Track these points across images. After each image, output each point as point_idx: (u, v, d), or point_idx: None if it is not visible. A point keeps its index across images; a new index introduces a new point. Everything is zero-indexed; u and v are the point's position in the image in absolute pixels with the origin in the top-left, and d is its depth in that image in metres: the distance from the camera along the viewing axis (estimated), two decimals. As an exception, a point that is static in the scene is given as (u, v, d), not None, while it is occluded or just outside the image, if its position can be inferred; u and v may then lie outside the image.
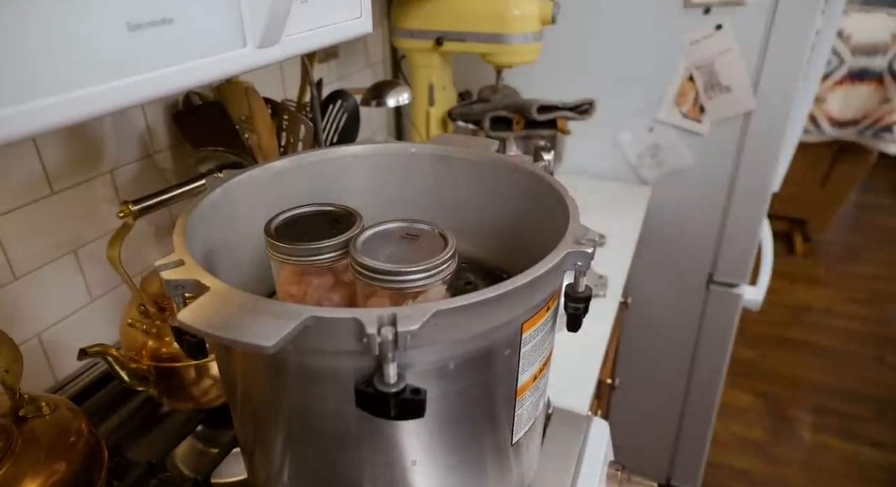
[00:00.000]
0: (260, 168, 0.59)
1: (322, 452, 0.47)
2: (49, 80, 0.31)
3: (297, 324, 0.37)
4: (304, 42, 0.50)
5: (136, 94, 0.36)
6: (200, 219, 0.52)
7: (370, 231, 0.50)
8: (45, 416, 0.54)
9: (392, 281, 0.45)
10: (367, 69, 1.28)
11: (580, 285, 0.48)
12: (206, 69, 0.41)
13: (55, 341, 0.74)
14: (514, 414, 0.49)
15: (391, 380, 0.39)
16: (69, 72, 0.32)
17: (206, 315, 0.38)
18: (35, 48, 0.30)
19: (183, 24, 0.38)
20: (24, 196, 0.68)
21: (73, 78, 0.32)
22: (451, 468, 0.48)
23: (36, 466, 0.49)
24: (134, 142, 0.79)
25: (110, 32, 0.33)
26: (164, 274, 0.42)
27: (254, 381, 0.48)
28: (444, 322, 0.39)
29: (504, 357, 0.45)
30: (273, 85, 1.00)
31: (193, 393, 0.68)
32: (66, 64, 0.31)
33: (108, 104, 0.34)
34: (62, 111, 0.32)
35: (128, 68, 0.35)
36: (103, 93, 0.34)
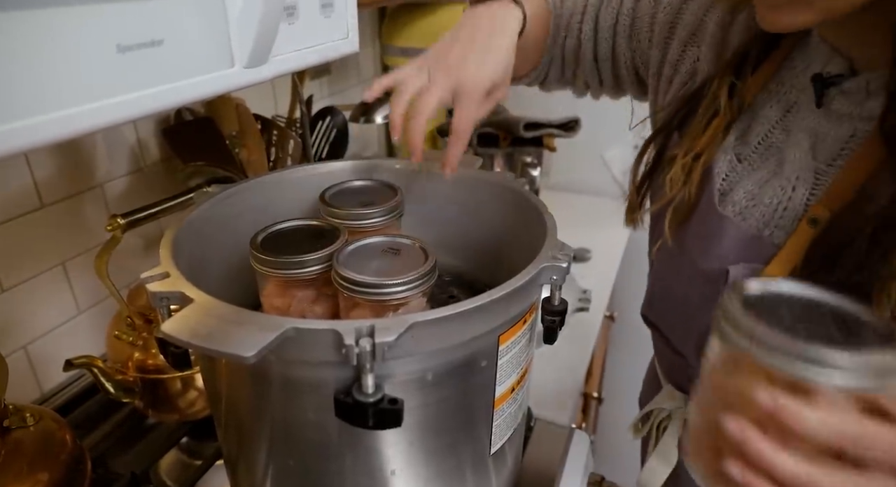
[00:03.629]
0: (248, 182, 0.60)
1: (304, 462, 0.48)
2: (41, 99, 0.32)
3: (278, 335, 0.38)
4: (292, 62, 0.51)
5: (125, 112, 0.37)
6: (188, 232, 0.53)
7: (353, 245, 0.51)
8: (29, 427, 0.54)
9: (373, 293, 0.47)
10: (358, 86, 1.30)
11: (556, 298, 0.49)
12: (194, 88, 0.42)
13: (42, 353, 0.75)
14: (492, 425, 0.50)
15: (369, 390, 0.40)
16: (60, 91, 0.33)
17: (190, 326, 0.39)
18: (27, 68, 0.31)
19: (172, 46, 0.39)
20: (14, 208, 0.69)
21: (64, 97, 0.33)
22: (430, 478, 0.49)
23: (19, 476, 0.50)
24: (125, 157, 0.80)
25: (101, 54, 0.35)
26: (149, 287, 0.43)
27: (238, 392, 0.49)
28: (422, 333, 0.40)
29: (481, 368, 0.46)
30: (265, 101, 1.02)
31: (179, 405, 0.69)
32: (58, 83, 0.33)
33: (99, 122, 0.36)
34: (53, 128, 0.33)
35: (117, 87, 0.36)
36: (93, 112, 0.35)
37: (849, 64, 0.44)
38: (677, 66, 0.59)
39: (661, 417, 0.63)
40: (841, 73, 0.45)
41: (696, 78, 0.57)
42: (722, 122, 0.52)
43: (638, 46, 0.62)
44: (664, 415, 0.63)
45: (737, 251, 0.48)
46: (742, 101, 0.51)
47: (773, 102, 0.50)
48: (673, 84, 0.59)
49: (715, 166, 0.52)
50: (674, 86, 0.59)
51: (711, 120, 0.52)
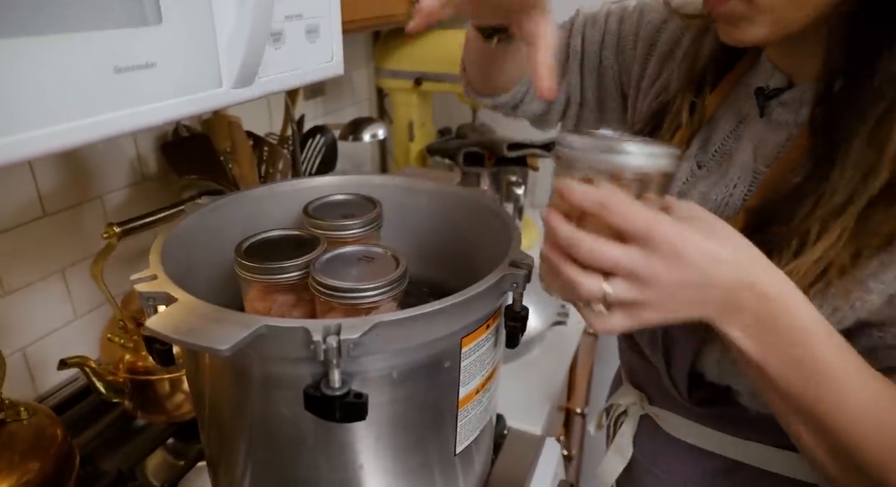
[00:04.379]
0: (236, 195, 0.64)
1: (280, 457, 0.51)
2: (44, 113, 0.36)
3: (252, 332, 0.41)
4: (278, 83, 0.55)
5: (119, 127, 0.41)
6: (178, 240, 0.57)
7: (330, 253, 0.55)
8: (22, 421, 0.57)
9: (346, 297, 0.50)
10: (352, 106, 1.34)
11: (517, 305, 0.53)
12: (184, 106, 0.46)
13: (39, 355, 0.78)
14: (457, 425, 0.53)
15: (336, 385, 0.43)
16: (62, 107, 0.37)
17: (173, 322, 0.42)
18: (31, 86, 0.35)
19: (164, 68, 0.44)
20: (18, 216, 0.73)
21: (65, 112, 0.37)
22: (397, 473, 0.52)
23: (10, 465, 0.53)
24: (124, 170, 0.84)
25: (98, 74, 0.39)
26: (137, 287, 0.47)
27: (220, 391, 0.52)
28: (386, 333, 0.44)
29: (445, 369, 0.50)
30: (260, 119, 1.07)
31: (166, 407, 0.72)
32: (59, 100, 0.37)
33: (95, 134, 0.40)
34: (52, 140, 0.37)
35: (113, 104, 0.40)
36: (91, 126, 0.39)
37: (788, 79, 0.50)
38: (654, 81, 0.63)
39: (618, 412, 0.66)
40: (781, 86, 0.49)
41: (669, 92, 0.61)
42: (685, 134, 0.56)
43: (623, 61, 0.67)
44: (621, 411, 0.66)
45: None
46: (703, 115, 0.55)
47: (728, 115, 0.54)
48: (648, 97, 0.63)
49: (677, 172, 0.56)
50: (648, 99, 0.63)
51: (676, 132, 0.57)
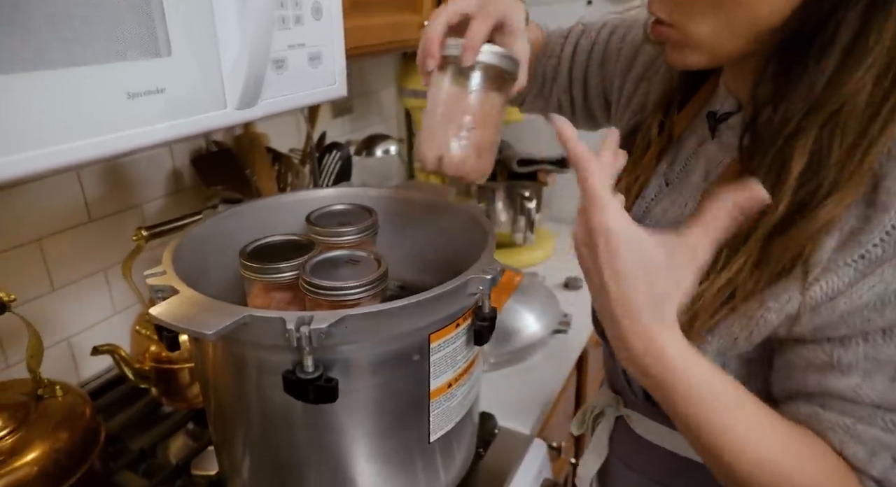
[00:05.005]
0: (249, 204, 0.72)
1: (272, 437, 0.57)
2: (65, 132, 0.44)
3: (236, 320, 0.47)
4: (280, 104, 0.62)
5: (133, 143, 0.49)
6: (192, 242, 0.64)
7: (320, 256, 0.61)
8: (57, 398, 0.66)
9: (330, 295, 0.56)
10: (380, 124, 1.42)
11: (485, 306, 0.57)
12: (191, 125, 0.54)
13: (82, 345, 0.88)
14: (429, 415, 0.58)
15: (309, 369, 0.49)
16: (79, 127, 0.45)
17: (171, 310, 0.49)
18: (56, 110, 0.43)
19: (173, 92, 0.51)
20: (67, 221, 0.83)
21: (82, 131, 0.45)
22: (373, 455, 0.57)
23: (44, 434, 0.61)
24: (162, 181, 0.94)
25: (113, 99, 0.46)
26: (148, 281, 0.54)
27: (221, 377, 0.58)
28: (355, 325, 0.49)
29: (414, 361, 0.55)
30: (289, 134, 1.15)
31: (187, 395, 0.80)
32: (77, 121, 0.44)
33: (108, 151, 0.47)
34: (73, 154, 0.45)
35: (126, 124, 0.48)
36: (108, 142, 0.47)
37: (738, 103, 0.52)
38: (632, 97, 0.67)
39: (595, 413, 0.69)
40: (731, 110, 0.52)
41: (646, 110, 0.65)
42: (654, 152, 0.59)
43: (606, 74, 0.71)
44: (598, 412, 0.69)
45: None
46: (671, 134, 0.59)
47: (693, 135, 0.57)
48: (626, 113, 0.67)
49: (647, 188, 0.60)
50: (626, 115, 0.67)
51: (647, 149, 0.60)
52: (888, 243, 0.39)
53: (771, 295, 0.44)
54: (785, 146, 0.41)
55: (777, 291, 0.43)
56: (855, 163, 0.39)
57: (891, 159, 0.40)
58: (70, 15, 0.42)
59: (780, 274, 0.43)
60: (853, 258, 0.41)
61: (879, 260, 0.40)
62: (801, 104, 0.41)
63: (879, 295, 0.40)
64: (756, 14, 0.42)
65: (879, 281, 0.40)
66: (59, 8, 0.41)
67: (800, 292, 0.42)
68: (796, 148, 0.41)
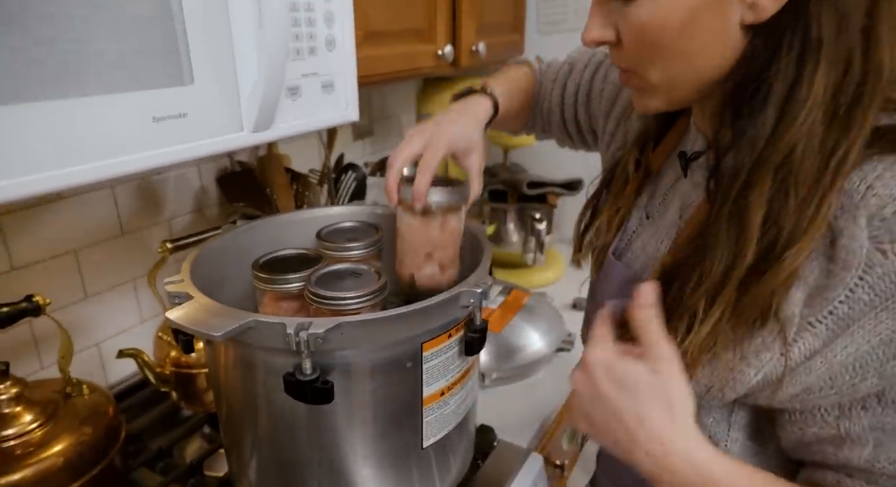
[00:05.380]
0: (264, 220, 0.77)
1: (277, 437, 0.61)
2: (98, 152, 0.49)
3: (242, 324, 0.52)
4: (293, 128, 0.68)
5: (155, 162, 0.54)
6: (213, 254, 0.70)
7: (325, 269, 0.65)
8: (84, 396, 0.71)
9: (332, 304, 0.60)
10: (401, 146, 1.48)
11: (477, 319, 0.61)
12: (210, 147, 0.59)
13: (110, 350, 0.93)
14: (422, 421, 0.61)
15: (307, 372, 0.53)
16: (109, 147, 0.50)
17: (185, 314, 0.54)
18: (91, 130, 0.48)
19: (194, 117, 0.57)
20: (102, 234, 0.89)
21: (111, 151, 0.50)
22: (367, 455, 0.60)
23: (70, 429, 0.66)
24: (190, 198, 1.00)
25: (140, 123, 0.52)
26: (167, 287, 0.59)
27: (231, 380, 0.63)
28: (351, 332, 0.53)
29: (407, 368, 0.58)
30: (312, 155, 1.21)
31: (203, 400, 0.84)
32: (110, 141, 0.50)
33: (138, 168, 0.53)
34: (102, 171, 0.50)
35: (151, 145, 0.53)
36: (134, 161, 0.52)
37: (706, 143, 0.54)
38: (614, 135, 0.70)
39: None
40: (701, 149, 0.54)
41: (627, 147, 0.68)
42: (633, 186, 0.62)
43: (592, 113, 0.75)
44: None
45: (619, 288, 0.58)
46: (648, 170, 0.62)
47: (670, 171, 0.60)
48: (610, 148, 0.71)
49: (630, 221, 0.62)
50: (610, 151, 0.70)
51: (626, 183, 0.63)
52: (853, 300, 0.41)
53: (751, 351, 0.45)
54: (740, 196, 0.43)
55: (757, 348, 0.45)
56: (811, 213, 0.41)
57: (844, 213, 0.41)
58: (106, 50, 0.48)
59: (753, 325, 0.44)
60: (822, 315, 0.42)
61: (847, 319, 0.41)
62: (749, 155, 0.42)
63: (855, 358, 0.41)
64: (697, 67, 0.45)
65: (851, 343, 0.41)
66: (97, 44, 0.47)
67: (781, 353, 0.44)
68: (753, 198, 0.42)
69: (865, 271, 0.40)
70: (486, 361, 0.92)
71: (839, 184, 0.40)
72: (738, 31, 0.43)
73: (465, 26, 1.08)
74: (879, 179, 0.39)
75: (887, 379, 0.42)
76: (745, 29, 0.43)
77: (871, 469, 0.44)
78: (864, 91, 0.40)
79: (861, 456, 0.44)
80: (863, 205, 0.40)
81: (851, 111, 0.40)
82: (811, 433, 0.47)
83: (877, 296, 0.40)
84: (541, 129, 0.83)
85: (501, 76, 0.78)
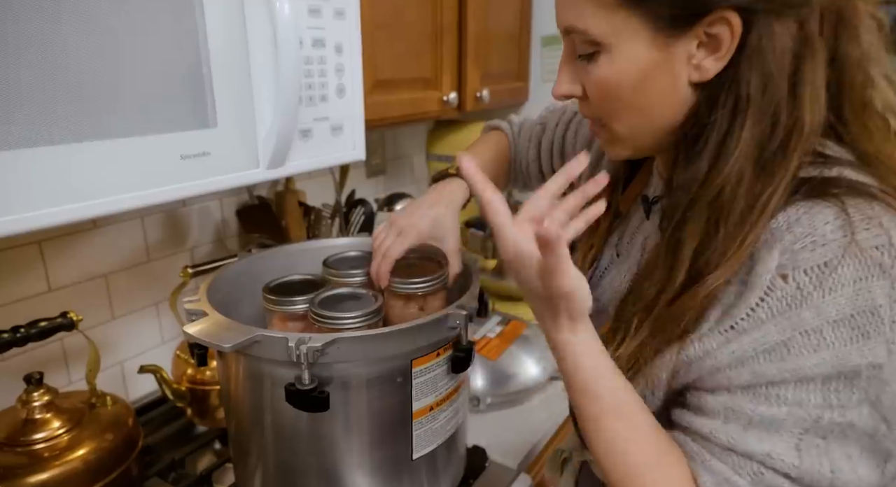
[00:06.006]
0: (277, 248, 0.84)
1: (279, 445, 0.66)
2: (132, 184, 0.57)
3: (249, 338, 0.58)
4: (304, 166, 0.76)
5: (181, 195, 0.62)
6: (229, 278, 0.77)
7: (329, 292, 0.72)
8: (107, 407, 0.78)
9: (331, 322, 0.66)
10: (412, 185, 1.56)
11: (463, 339, 0.66)
12: (229, 181, 0.67)
13: (132, 369, 1.00)
14: (412, 433, 0.66)
15: (306, 382, 0.59)
16: (141, 180, 0.58)
17: (201, 328, 0.61)
18: (126, 167, 0.56)
19: (217, 155, 0.65)
20: (130, 260, 0.98)
21: (143, 183, 0.58)
22: (362, 464, 0.66)
23: (94, 435, 0.73)
24: (211, 229, 1.09)
25: (169, 160, 0.60)
26: (186, 306, 0.66)
27: (240, 391, 0.69)
28: (346, 346, 0.59)
29: (398, 383, 0.64)
30: (326, 191, 1.29)
31: (215, 415, 0.90)
32: (143, 176, 0.58)
33: (163, 199, 0.60)
34: (135, 201, 0.58)
35: (178, 179, 0.61)
36: (160, 193, 0.60)
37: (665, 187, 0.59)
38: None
39: (563, 457, 0.75)
40: (660, 194, 0.60)
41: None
42: (604, 227, 0.67)
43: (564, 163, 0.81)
44: (565, 456, 0.75)
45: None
46: (618, 211, 0.67)
47: (637, 213, 0.65)
48: None
49: (602, 258, 0.68)
50: None
51: (598, 224, 0.68)
52: (752, 318, 0.46)
53: (663, 360, 0.50)
54: (676, 230, 0.49)
55: (667, 355, 0.50)
56: (735, 246, 0.46)
57: (763, 247, 0.46)
58: (146, 98, 0.56)
59: (670, 342, 0.49)
60: (725, 328, 0.47)
61: (742, 331, 0.46)
62: (685, 196, 0.48)
63: (738, 358, 0.46)
64: (653, 119, 0.51)
65: (738, 348, 0.46)
66: (139, 92, 0.56)
67: (678, 351, 0.49)
68: (686, 232, 0.48)
69: (766, 293, 0.45)
70: (482, 386, 0.97)
71: (763, 223, 0.45)
72: (687, 88, 0.49)
73: (470, 75, 1.17)
74: (798, 221, 0.44)
75: (757, 376, 0.46)
76: (693, 86, 0.49)
77: (708, 438, 0.48)
78: (789, 144, 0.45)
79: (706, 426, 0.49)
80: (780, 240, 0.45)
81: (777, 161, 0.45)
82: (683, 400, 0.52)
83: (772, 314, 0.45)
84: (522, 184, 0.90)
85: (473, 152, 0.84)
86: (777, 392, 0.45)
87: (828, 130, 0.48)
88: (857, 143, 0.48)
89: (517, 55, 1.39)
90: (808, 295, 0.44)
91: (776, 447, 0.46)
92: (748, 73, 0.46)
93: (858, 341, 0.43)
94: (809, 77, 0.45)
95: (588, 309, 0.49)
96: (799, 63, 0.45)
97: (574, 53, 0.53)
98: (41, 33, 0.49)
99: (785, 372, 0.45)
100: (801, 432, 0.45)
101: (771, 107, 0.46)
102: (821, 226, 0.44)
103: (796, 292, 0.44)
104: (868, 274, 0.43)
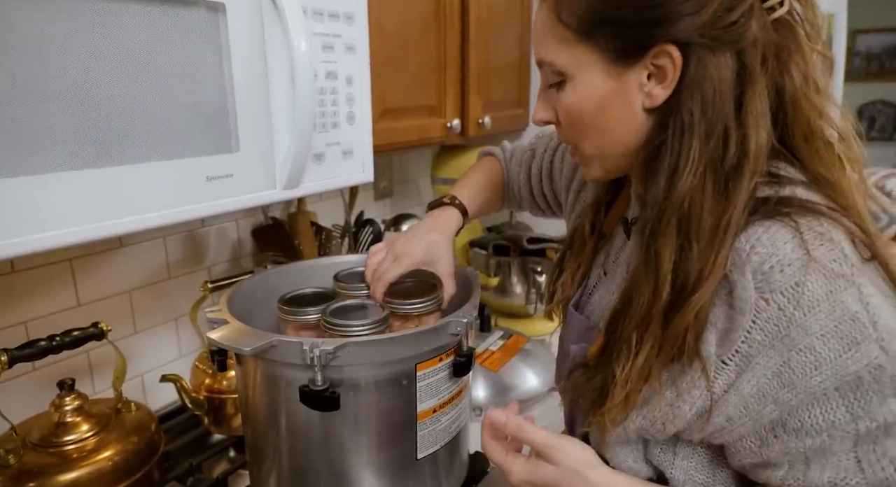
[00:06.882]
0: (290, 265, 0.90)
1: (293, 446, 0.71)
2: (162, 203, 0.63)
3: (266, 342, 0.64)
4: (317, 187, 0.82)
5: (205, 213, 0.68)
6: (246, 291, 0.83)
7: (338, 303, 0.77)
8: (132, 412, 0.83)
9: (341, 330, 0.72)
10: (418, 206, 1.62)
11: (464, 345, 0.71)
12: (249, 200, 0.73)
13: (153, 380, 1.06)
14: (416, 434, 0.71)
15: (319, 383, 0.64)
16: (171, 200, 0.64)
17: (222, 334, 0.66)
18: (157, 187, 0.63)
19: (238, 177, 0.71)
20: (152, 277, 1.04)
21: (173, 202, 0.64)
22: (370, 462, 0.70)
23: (119, 438, 0.78)
24: (228, 248, 1.15)
25: (197, 181, 0.66)
26: (208, 314, 0.72)
27: (257, 393, 0.74)
28: (355, 351, 0.65)
29: (404, 385, 0.69)
30: (337, 211, 1.36)
31: (231, 424, 0.95)
32: (171, 196, 0.64)
33: (192, 216, 0.67)
34: (165, 218, 0.64)
35: (204, 198, 0.67)
36: (188, 211, 0.66)
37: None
38: (574, 204, 0.80)
39: None
40: (638, 215, 0.62)
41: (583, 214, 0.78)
42: (590, 247, 0.71)
43: (555, 189, 0.86)
44: None
45: (578, 335, 0.67)
46: (602, 232, 0.71)
47: (619, 234, 0.69)
48: (571, 217, 0.80)
49: (590, 277, 0.72)
50: (572, 218, 0.80)
51: (584, 245, 0.73)
52: (750, 340, 0.49)
53: (684, 389, 0.53)
54: (651, 244, 0.52)
55: (688, 385, 0.53)
56: (710, 262, 0.49)
57: (736, 267, 0.49)
58: (178, 126, 0.63)
59: (678, 359, 0.52)
60: (731, 353, 0.50)
61: (748, 356, 0.49)
62: (652, 210, 0.53)
63: (758, 388, 0.49)
64: (616, 141, 0.56)
65: (753, 376, 0.49)
66: (168, 125, 0.62)
67: (707, 389, 0.52)
68: (660, 245, 0.51)
69: (756, 316, 0.48)
70: (484, 396, 1.02)
71: (729, 241, 0.49)
72: (643, 113, 0.54)
73: (472, 103, 1.24)
74: (759, 240, 0.48)
75: (781, 405, 0.49)
76: (648, 112, 0.54)
77: (782, 485, 0.52)
78: (741, 164, 0.50)
79: (777, 476, 0.52)
80: (748, 261, 0.48)
81: (732, 181, 0.50)
82: (748, 463, 0.55)
83: (766, 336, 0.48)
84: (516, 206, 0.95)
85: (468, 179, 0.90)
86: (804, 418, 0.49)
87: (782, 153, 0.52)
88: (810, 166, 0.52)
89: (517, 83, 1.46)
90: (790, 315, 0.47)
91: (839, 471, 0.49)
92: (689, 100, 0.50)
93: (850, 349, 0.46)
94: (751, 103, 0.50)
95: (593, 464, 0.56)
96: (742, 90, 0.50)
97: (547, 83, 0.59)
98: (82, 76, 0.56)
99: (800, 395, 0.48)
100: (851, 447, 0.48)
101: (714, 129, 0.50)
102: (781, 246, 0.47)
103: (779, 313, 0.47)
104: (835, 287, 0.46)
